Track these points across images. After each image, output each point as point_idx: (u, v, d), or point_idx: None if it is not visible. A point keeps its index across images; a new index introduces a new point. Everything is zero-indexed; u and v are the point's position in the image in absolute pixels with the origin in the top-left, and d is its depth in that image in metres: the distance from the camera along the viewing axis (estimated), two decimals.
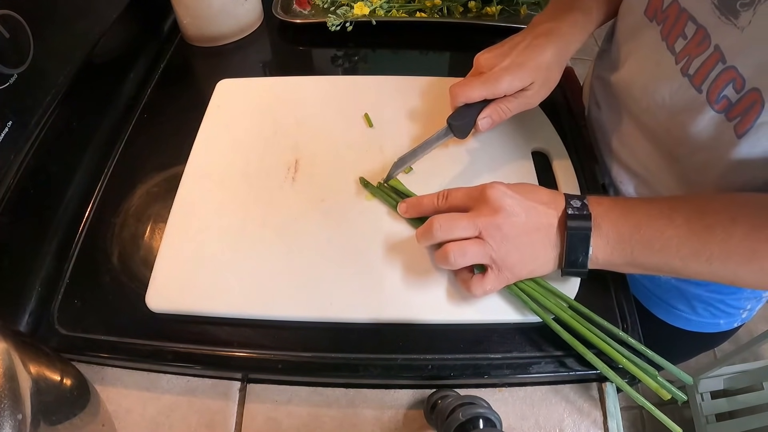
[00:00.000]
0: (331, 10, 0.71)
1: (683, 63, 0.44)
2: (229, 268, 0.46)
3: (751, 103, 0.39)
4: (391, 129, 0.57)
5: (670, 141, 0.49)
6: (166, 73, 0.68)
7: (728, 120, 0.42)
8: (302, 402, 0.44)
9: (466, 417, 0.36)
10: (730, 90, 0.41)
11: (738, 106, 0.40)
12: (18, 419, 0.28)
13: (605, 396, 0.44)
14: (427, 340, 0.43)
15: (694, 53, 0.43)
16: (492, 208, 0.41)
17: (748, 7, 0.38)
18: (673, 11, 0.45)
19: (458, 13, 0.74)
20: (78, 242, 0.50)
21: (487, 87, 0.49)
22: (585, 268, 0.42)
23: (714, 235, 0.38)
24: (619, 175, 0.56)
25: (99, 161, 0.56)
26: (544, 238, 0.42)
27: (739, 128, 0.41)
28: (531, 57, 0.49)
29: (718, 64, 0.41)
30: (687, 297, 0.58)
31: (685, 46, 0.44)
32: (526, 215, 0.42)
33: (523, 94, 0.51)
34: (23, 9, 0.45)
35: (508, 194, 0.42)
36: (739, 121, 0.41)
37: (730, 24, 0.39)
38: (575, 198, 0.42)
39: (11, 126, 0.45)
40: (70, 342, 0.44)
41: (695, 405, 1.21)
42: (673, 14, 0.45)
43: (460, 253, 0.41)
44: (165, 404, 0.44)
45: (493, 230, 0.41)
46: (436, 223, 0.42)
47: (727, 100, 0.41)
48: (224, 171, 0.54)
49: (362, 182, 0.52)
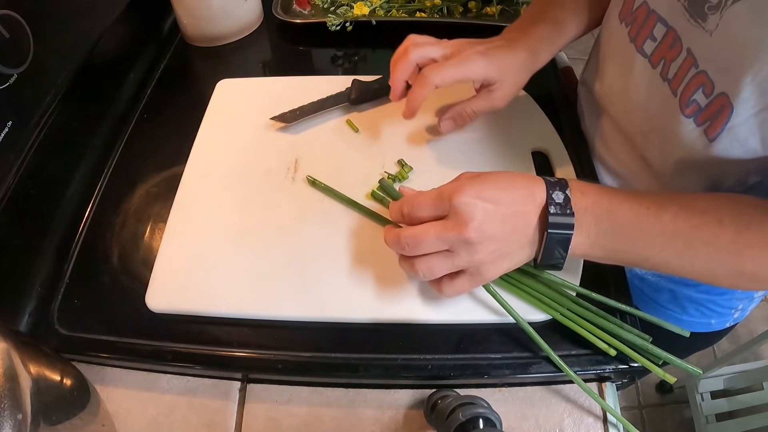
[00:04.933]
0: (331, 10, 0.71)
1: (661, 67, 0.43)
2: (229, 268, 0.46)
3: (719, 108, 0.38)
4: (392, 128, 0.57)
5: (647, 145, 0.48)
6: (166, 73, 0.68)
7: (697, 125, 0.41)
8: (302, 402, 0.44)
9: (466, 417, 0.36)
10: (699, 94, 0.40)
11: (707, 110, 0.40)
12: (18, 419, 0.28)
13: (605, 396, 0.44)
14: (427, 340, 0.43)
15: (669, 57, 0.42)
16: (461, 220, 0.37)
17: (715, 10, 0.37)
18: (642, 12, 0.44)
19: (458, 13, 0.74)
20: (78, 242, 0.50)
21: (461, 69, 0.47)
22: (560, 267, 0.40)
23: (700, 236, 0.37)
24: (604, 178, 0.56)
25: (99, 161, 0.56)
26: (520, 239, 0.39)
27: (710, 132, 0.40)
28: (503, 54, 0.49)
29: (692, 68, 0.40)
30: (677, 297, 0.58)
31: (656, 48, 0.43)
32: (501, 222, 0.38)
33: (490, 94, 0.50)
34: (23, 9, 0.45)
35: (479, 202, 0.37)
36: (709, 125, 0.40)
37: (699, 27, 0.38)
38: (557, 189, 0.39)
39: (11, 126, 0.45)
40: (70, 342, 0.44)
41: (695, 405, 1.21)
42: (641, 15, 0.44)
43: (428, 271, 0.39)
44: (165, 404, 0.44)
45: (462, 245, 0.37)
46: (403, 240, 0.39)
47: (697, 105, 0.40)
48: (224, 171, 0.54)
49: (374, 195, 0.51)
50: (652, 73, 0.44)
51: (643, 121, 0.48)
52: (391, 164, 0.54)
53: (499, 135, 0.56)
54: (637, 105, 0.47)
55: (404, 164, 0.53)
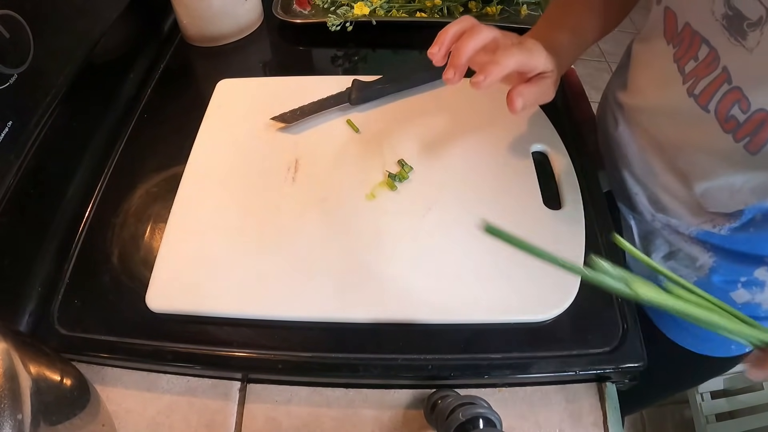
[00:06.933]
0: (331, 10, 0.71)
1: (690, 83, 0.44)
2: (229, 268, 0.46)
3: (759, 123, 0.39)
4: (392, 128, 0.57)
5: (680, 158, 0.49)
6: (166, 73, 0.68)
7: (736, 140, 0.41)
8: (302, 402, 0.44)
9: (466, 417, 0.36)
10: (736, 110, 0.40)
11: (746, 126, 0.40)
12: (18, 419, 0.28)
13: (605, 396, 0.44)
14: (427, 340, 0.43)
15: (702, 74, 0.43)
16: None
17: (755, 27, 0.37)
18: (687, 34, 0.44)
19: (458, 13, 0.74)
20: (78, 242, 0.50)
21: (525, 56, 0.44)
22: None
23: None
24: (633, 187, 0.56)
25: (99, 161, 0.56)
26: None
27: (751, 147, 0.41)
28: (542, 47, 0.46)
29: (724, 84, 0.41)
30: None
31: (695, 67, 0.44)
32: None
33: (544, 81, 0.47)
34: (23, 9, 0.45)
35: None
36: (749, 141, 0.41)
37: (739, 45, 0.39)
38: None
39: (11, 126, 0.45)
40: (70, 342, 0.44)
41: (695, 405, 1.21)
42: (687, 37, 0.44)
43: None
44: (165, 404, 0.44)
45: None
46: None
47: (735, 121, 0.41)
48: (224, 171, 0.54)
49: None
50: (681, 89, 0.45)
51: (676, 135, 0.48)
52: (391, 164, 0.54)
53: (499, 135, 0.56)
54: (670, 120, 0.48)
55: (404, 164, 0.53)
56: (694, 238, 0.52)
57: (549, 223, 0.49)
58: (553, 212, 0.50)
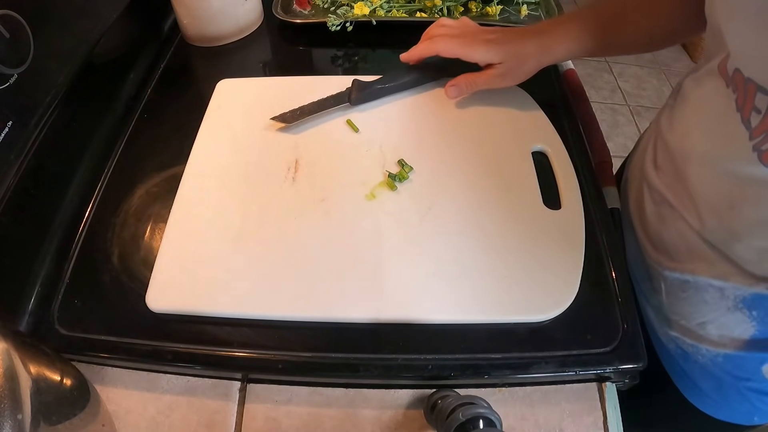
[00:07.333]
0: (331, 10, 0.71)
1: (759, 139, 0.38)
2: (229, 267, 0.46)
3: None
4: (392, 129, 0.57)
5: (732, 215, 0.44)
6: (166, 73, 0.68)
7: None
8: (302, 402, 0.44)
9: (466, 417, 0.36)
10: None
11: None
12: (18, 419, 0.28)
13: (605, 396, 0.44)
14: (427, 340, 0.43)
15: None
16: None
17: None
18: (739, 81, 0.39)
19: (458, 13, 0.74)
20: (78, 242, 0.50)
21: (464, 49, 0.54)
22: None
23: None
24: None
25: (99, 161, 0.56)
26: None
27: None
28: (512, 41, 0.54)
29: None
30: (723, 386, 0.53)
31: (761, 121, 0.37)
32: None
33: (491, 71, 0.55)
34: (23, 9, 0.45)
35: None
36: None
37: None
38: None
39: (11, 126, 0.45)
40: (70, 342, 0.44)
41: None
42: (740, 84, 0.39)
43: None
44: (165, 404, 0.44)
45: None
46: None
47: None
48: (224, 171, 0.54)
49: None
50: (747, 146, 0.39)
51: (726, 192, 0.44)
52: (391, 164, 0.54)
53: (499, 135, 0.56)
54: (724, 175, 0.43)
55: (404, 164, 0.53)
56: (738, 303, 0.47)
57: (549, 223, 0.49)
58: (553, 212, 0.50)
